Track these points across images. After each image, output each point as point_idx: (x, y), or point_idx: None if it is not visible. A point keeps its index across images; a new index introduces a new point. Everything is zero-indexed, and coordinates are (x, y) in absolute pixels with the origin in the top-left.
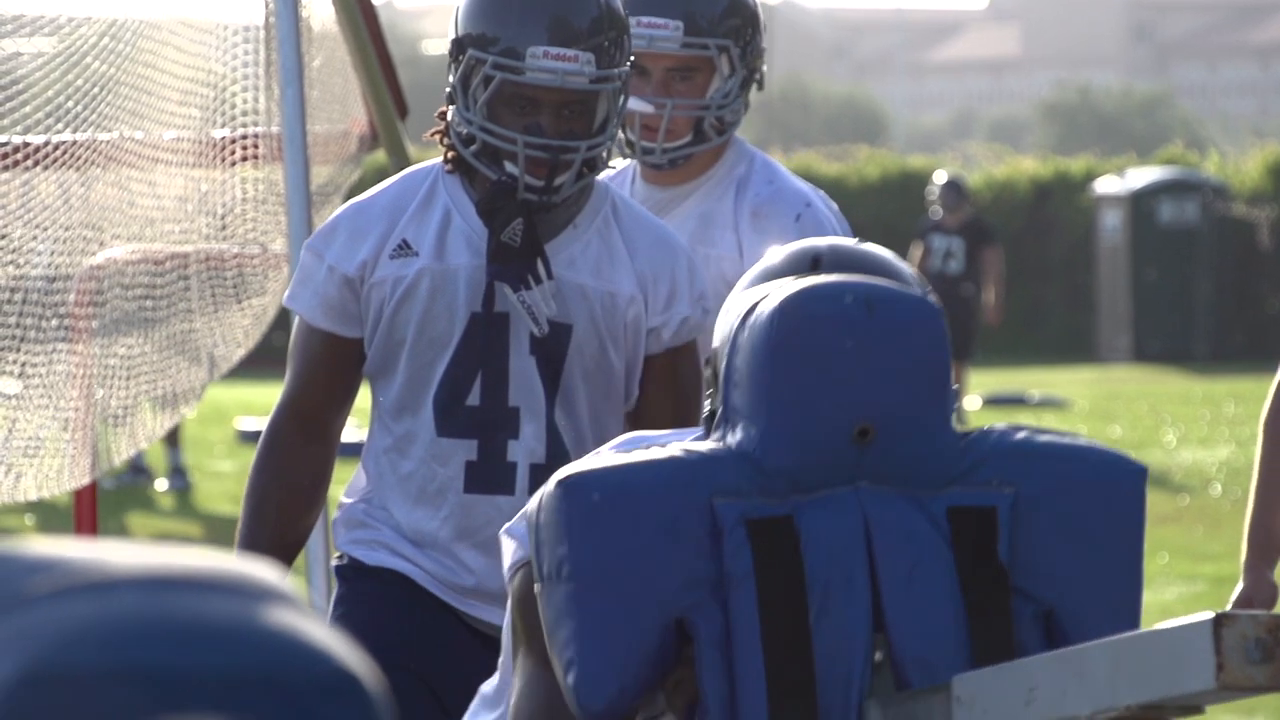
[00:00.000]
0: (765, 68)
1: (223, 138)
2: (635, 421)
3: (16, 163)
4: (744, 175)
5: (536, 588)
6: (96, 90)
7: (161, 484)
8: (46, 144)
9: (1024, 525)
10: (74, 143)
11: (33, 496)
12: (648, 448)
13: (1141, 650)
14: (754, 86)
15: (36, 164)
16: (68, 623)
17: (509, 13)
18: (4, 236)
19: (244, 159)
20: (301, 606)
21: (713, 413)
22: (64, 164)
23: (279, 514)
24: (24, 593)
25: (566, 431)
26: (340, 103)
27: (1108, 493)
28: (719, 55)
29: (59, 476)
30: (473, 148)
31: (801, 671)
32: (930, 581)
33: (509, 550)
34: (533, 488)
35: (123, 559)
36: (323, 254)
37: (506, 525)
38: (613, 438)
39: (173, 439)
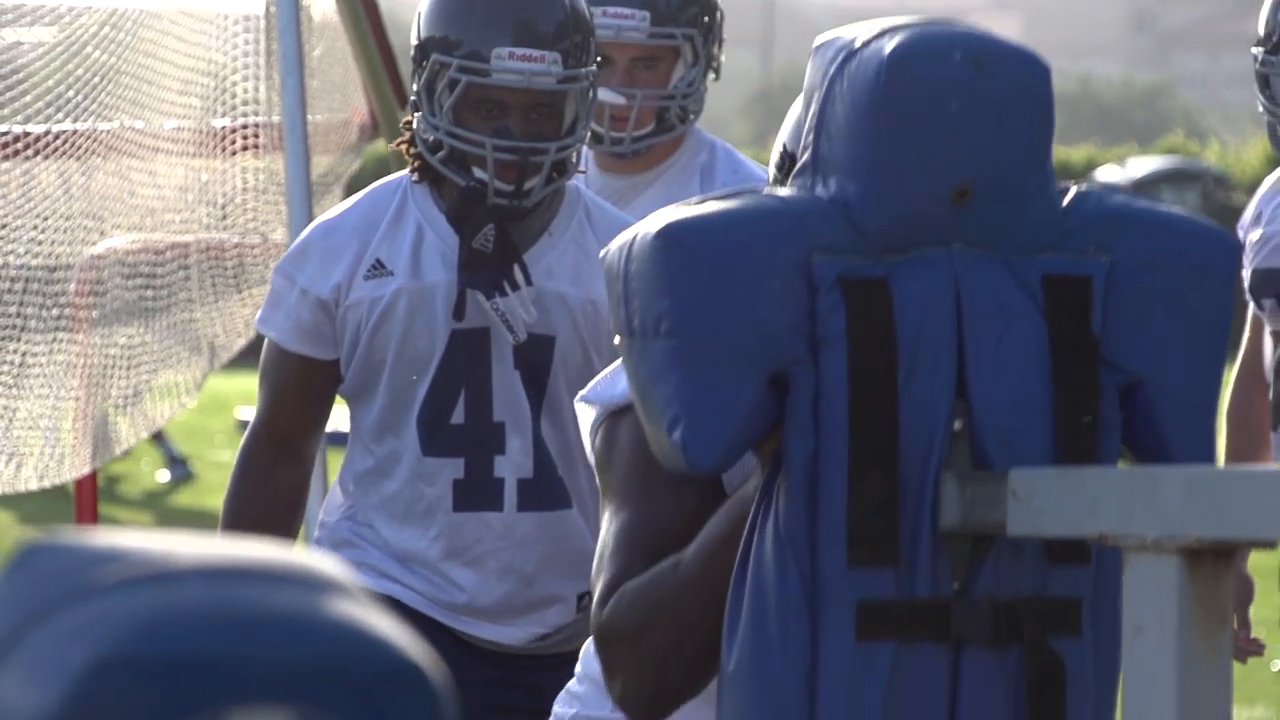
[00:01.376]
0: (723, 56)
1: (223, 127)
2: None
3: (17, 152)
4: (707, 163)
5: (623, 343)
6: (97, 80)
7: (163, 475)
8: (47, 133)
9: (1116, 294)
10: (74, 132)
11: (34, 486)
12: (744, 195)
13: (1218, 486)
14: (710, 75)
15: (37, 153)
16: (137, 612)
17: (472, 15)
18: (4, 226)
19: (244, 148)
20: (365, 599)
21: (791, 155)
22: (64, 153)
23: (256, 531)
24: (93, 582)
25: (553, 443)
26: (341, 92)
27: (1203, 264)
28: (684, 44)
29: (59, 466)
30: (440, 154)
31: (885, 436)
32: (1018, 349)
33: (587, 416)
34: (521, 503)
35: (188, 550)
36: (294, 277)
37: (581, 393)
38: None
39: (157, 433)
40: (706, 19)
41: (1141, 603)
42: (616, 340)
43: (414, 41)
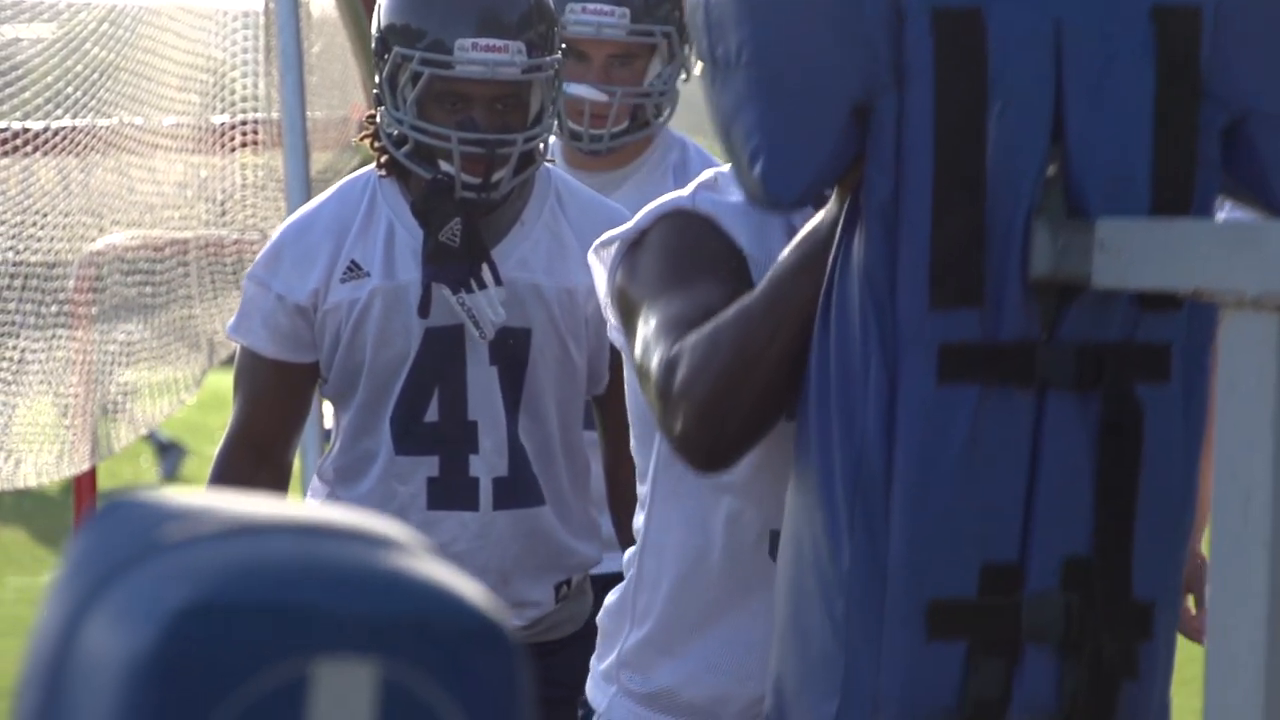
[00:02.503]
0: (693, 56)
1: (222, 123)
2: (603, 407)
3: (16, 149)
4: (679, 161)
5: (705, 71)
6: (96, 76)
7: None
8: (46, 130)
9: (1225, 25)
10: (74, 128)
11: (32, 483)
12: None
13: None
14: (682, 77)
15: (36, 150)
16: (229, 560)
17: (433, 5)
18: (3, 223)
19: (244, 145)
20: (444, 562)
21: None
22: (64, 150)
23: None
24: (182, 533)
25: (533, 438)
26: (340, 88)
27: None
28: (662, 41)
29: (58, 463)
30: (405, 148)
31: (972, 172)
32: (1121, 88)
33: (602, 266)
34: (497, 502)
35: (272, 509)
36: (268, 283)
37: (595, 245)
38: (579, 434)
39: None
40: (679, 14)
41: (1238, 360)
42: (698, 69)
43: (374, 33)
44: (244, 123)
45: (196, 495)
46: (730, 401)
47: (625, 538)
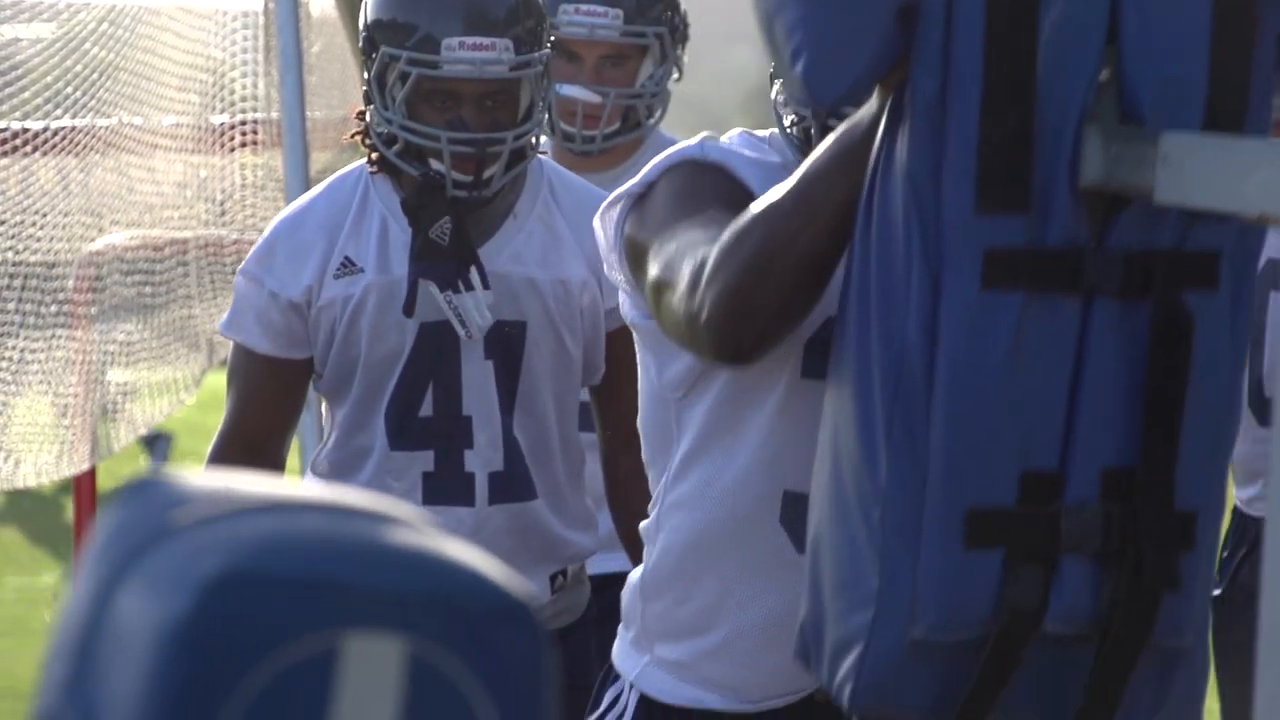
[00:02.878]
0: (685, 57)
1: (222, 123)
2: (600, 398)
3: (16, 148)
4: None
5: None
6: (95, 76)
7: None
8: (46, 130)
9: None
10: (73, 128)
11: (31, 483)
12: None
13: None
14: (675, 76)
15: (36, 150)
16: (260, 533)
17: (419, 4)
18: (3, 223)
19: (243, 145)
20: (472, 545)
21: None
22: (63, 150)
23: None
24: (215, 509)
25: (528, 433)
26: (339, 88)
27: None
28: (654, 42)
29: (58, 463)
30: (395, 148)
31: (1022, 74)
32: None
33: (609, 224)
34: (492, 497)
35: (300, 489)
36: (261, 279)
37: (600, 208)
38: (575, 426)
39: None
40: (671, 14)
41: None
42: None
43: (361, 30)
44: (243, 123)
45: (226, 476)
46: (756, 289)
47: (625, 533)
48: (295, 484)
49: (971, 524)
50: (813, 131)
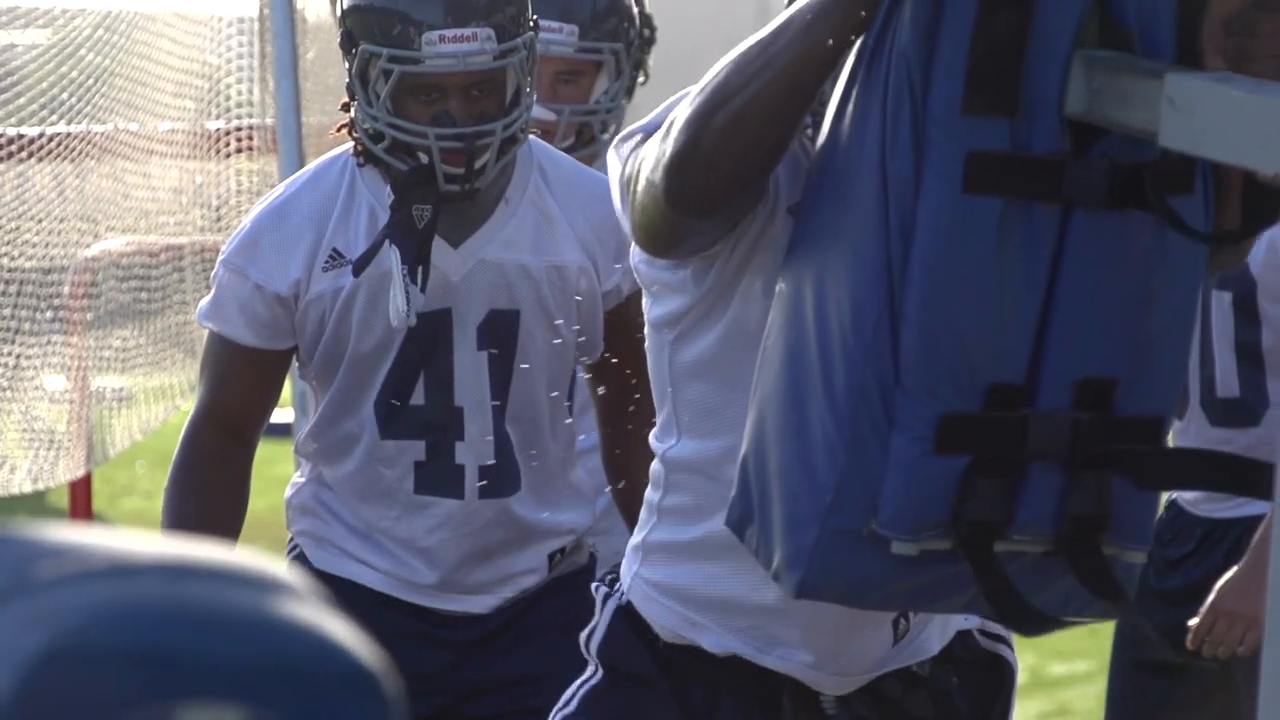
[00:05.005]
0: (650, 62)
1: (217, 129)
2: (598, 375)
3: (11, 155)
4: None
5: None
6: (91, 82)
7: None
8: (41, 136)
9: None
10: (69, 134)
11: (27, 489)
12: None
13: None
14: (640, 80)
15: (31, 156)
16: (90, 603)
17: None
18: None
19: (238, 150)
20: (320, 603)
21: None
22: (59, 156)
23: (203, 534)
24: (45, 574)
25: (520, 423)
26: (334, 94)
27: None
28: (610, 58)
29: (54, 468)
30: (382, 144)
31: None
32: None
33: (619, 161)
34: (483, 490)
35: (143, 547)
36: (245, 270)
37: (615, 141)
38: (566, 407)
39: None
40: (628, 27)
41: None
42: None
43: (339, 19)
44: (239, 129)
45: (67, 532)
46: (712, 126)
47: (623, 504)
48: (144, 540)
49: (942, 428)
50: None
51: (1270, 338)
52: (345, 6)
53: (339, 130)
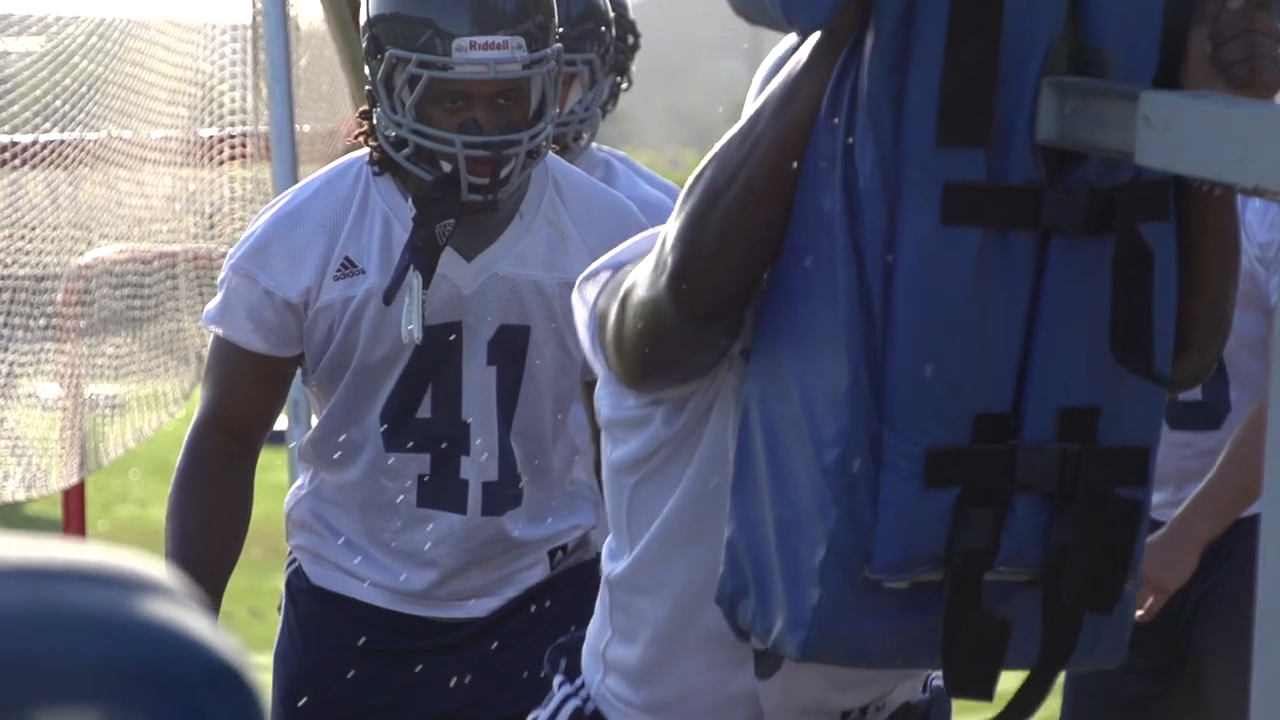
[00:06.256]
0: (634, 66)
1: (210, 137)
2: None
3: (4, 162)
4: (604, 180)
5: None
6: (84, 89)
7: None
8: (34, 143)
9: None
10: (62, 142)
11: (20, 496)
12: None
13: None
14: (623, 85)
15: (24, 163)
16: None
17: (427, 3)
18: None
19: (232, 158)
20: (184, 601)
21: None
22: (52, 163)
23: (208, 540)
24: None
25: (526, 439)
26: (328, 101)
27: None
28: (584, 69)
29: (47, 476)
30: (405, 151)
31: (989, 5)
32: None
33: (588, 299)
34: (486, 507)
35: (10, 551)
36: (255, 276)
37: (578, 282)
38: (575, 430)
39: None
40: (604, 31)
41: None
42: None
43: (364, 27)
44: (232, 136)
45: None
46: (708, 227)
47: None
48: (4, 543)
49: (931, 463)
50: None
51: (1231, 342)
52: (371, 14)
53: (355, 138)
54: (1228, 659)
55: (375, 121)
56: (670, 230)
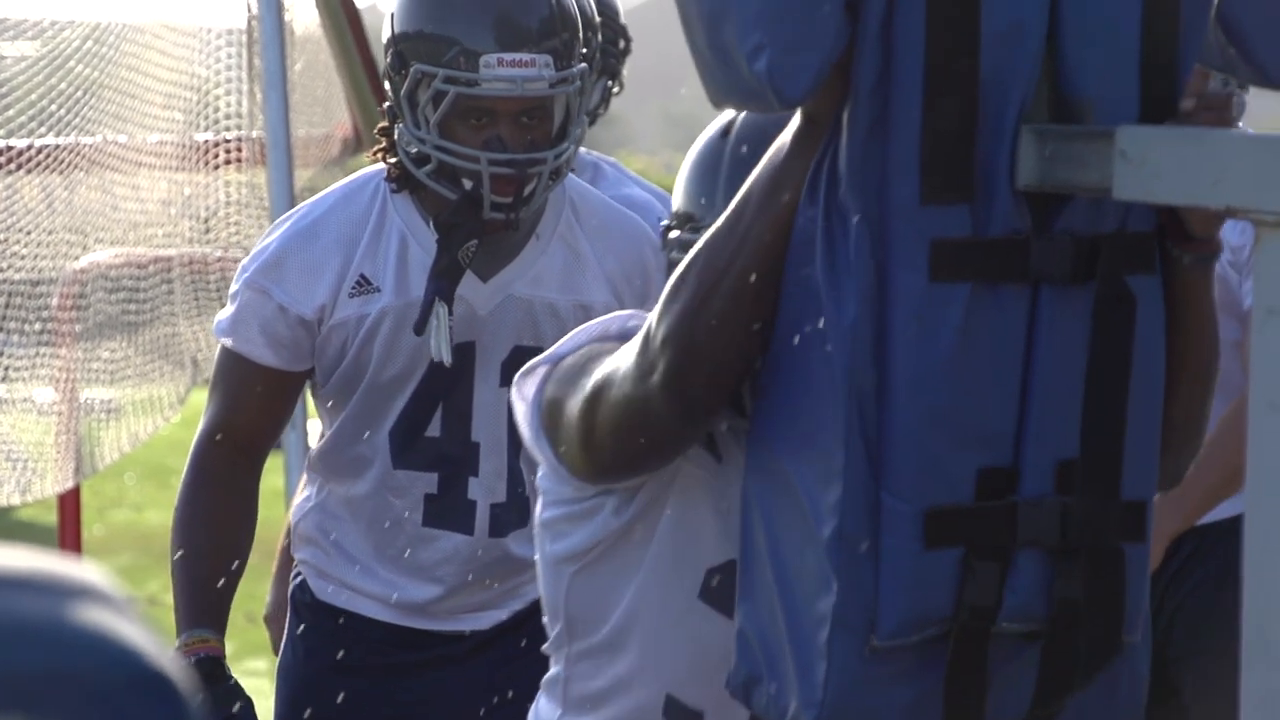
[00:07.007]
0: (626, 71)
1: (206, 141)
2: None
3: (0, 166)
4: (590, 182)
5: None
6: (80, 94)
7: None
8: (30, 148)
9: None
10: (57, 146)
11: (16, 501)
12: None
13: None
14: (614, 89)
15: (20, 167)
16: None
17: (454, 18)
18: None
19: (227, 162)
20: (119, 605)
21: None
22: (47, 168)
23: (215, 555)
24: None
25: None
26: (323, 106)
27: None
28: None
29: (42, 481)
30: (427, 167)
31: (963, 63)
32: None
33: (525, 397)
34: (493, 528)
35: None
36: (269, 291)
37: (516, 379)
38: None
39: None
40: (589, 36)
41: (1275, 284)
42: None
43: (387, 43)
44: (228, 140)
45: None
46: (703, 324)
47: None
48: None
49: (930, 524)
50: None
51: None
52: (396, 31)
53: (373, 154)
54: (1204, 669)
55: (396, 137)
56: (659, 329)
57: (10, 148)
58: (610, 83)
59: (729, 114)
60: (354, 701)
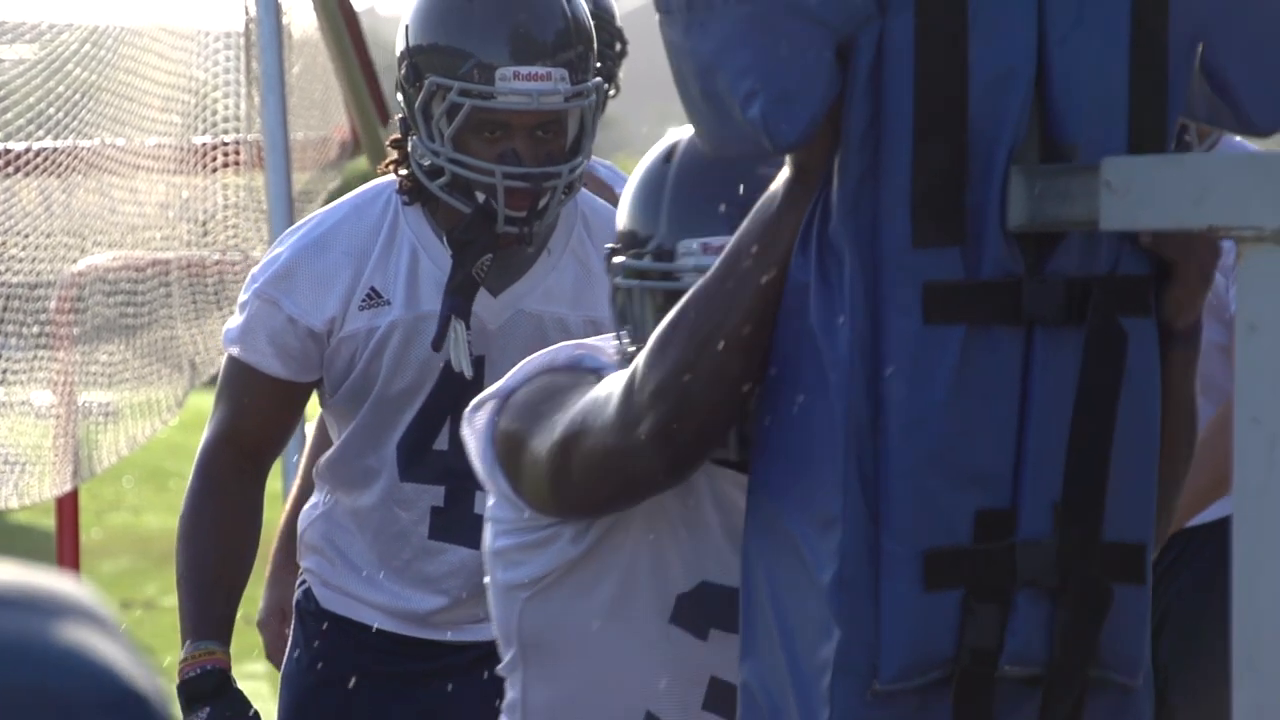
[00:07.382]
0: (621, 74)
1: (204, 144)
2: None
3: None
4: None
5: (668, 21)
6: (78, 97)
7: None
8: (28, 151)
9: None
10: (56, 149)
11: (14, 504)
12: None
13: None
14: (610, 93)
15: (18, 170)
16: None
17: (469, 32)
18: None
19: (225, 165)
20: (102, 622)
21: None
22: (46, 170)
23: (221, 563)
24: None
25: None
26: (320, 109)
27: None
28: None
29: (40, 484)
30: (441, 180)
31: (951, 108)
32: (1098, 15)
33: (478, 431)
34: None
35: None
36: (279, 302)
37: (466, 413)
38: None
39: None
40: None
41: (1257, 299)
42: (658, 18)
43: (401, 55)
44: (226, 143)
45: None
46: (696, 378)
47: None
48: None
49: (930, 565)
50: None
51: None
52: (411, 44)
53: (385, 166)
54: (1191, 674)
55: (409, 150)
56: (646, 381)
57: (8, 151)
58: (607, 86)
59: (672, 138)
60: (356, 711)
